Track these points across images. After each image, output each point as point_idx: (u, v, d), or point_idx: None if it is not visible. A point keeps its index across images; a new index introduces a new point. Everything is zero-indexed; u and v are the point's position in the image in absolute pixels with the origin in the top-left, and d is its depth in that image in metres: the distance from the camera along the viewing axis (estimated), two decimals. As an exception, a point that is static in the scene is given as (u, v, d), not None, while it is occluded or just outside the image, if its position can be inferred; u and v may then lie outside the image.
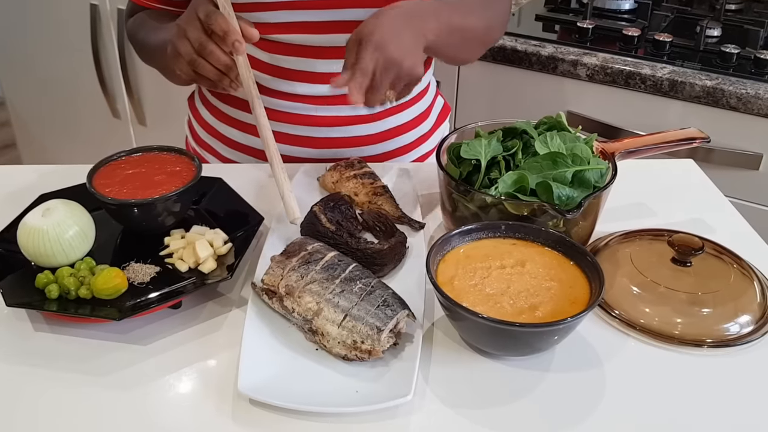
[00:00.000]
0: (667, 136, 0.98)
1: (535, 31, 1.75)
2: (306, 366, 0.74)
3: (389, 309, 0.74)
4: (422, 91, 1.20)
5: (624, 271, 0.87)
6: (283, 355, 0.75)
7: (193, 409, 0.70)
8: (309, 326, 0.75)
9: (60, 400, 0.71)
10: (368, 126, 1.13)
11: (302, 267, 0.78)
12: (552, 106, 1.64)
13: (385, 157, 1.16)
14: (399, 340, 0.75)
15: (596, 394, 0.72)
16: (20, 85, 2.61)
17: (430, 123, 1.23)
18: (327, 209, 0.88)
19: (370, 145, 1.14)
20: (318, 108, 1.10)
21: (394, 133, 1.16)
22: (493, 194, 0.85)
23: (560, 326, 0.71)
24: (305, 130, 1.11)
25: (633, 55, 1.59)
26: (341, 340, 0.73)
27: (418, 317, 0.78)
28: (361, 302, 0.75)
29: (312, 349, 0.76)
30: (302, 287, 0.76)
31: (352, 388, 0.71)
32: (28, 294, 0.80)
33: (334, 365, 0.74)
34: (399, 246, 0.88)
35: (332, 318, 0.74)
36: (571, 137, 0.91)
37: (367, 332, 0.72)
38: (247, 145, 1.15)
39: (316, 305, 0.75)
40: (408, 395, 0.68)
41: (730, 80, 1.47)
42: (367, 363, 0.73)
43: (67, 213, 0.84)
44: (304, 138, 1.12)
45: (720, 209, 1.05)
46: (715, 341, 0.78)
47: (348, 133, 1.13)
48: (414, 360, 0.72)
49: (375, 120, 1.14)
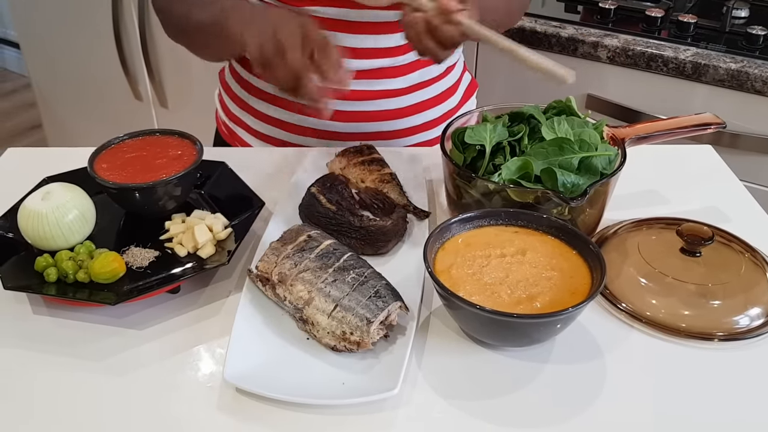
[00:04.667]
0: (681, 121, 0.95)
1: (558, 12, 1.71)
2: (295, 356, 0.73)
3: (381, 300, 0.73)
4: (450, 66, 1.18)
5: (631, 261, 0.85)
6: (273, 344, 0.74)
7: (181, 396, 0.70)
8: (300, 315, 0.74)
9: (55, 383, 0.71)
10: (395, 100, 1.12)
11: (297, 254, 0.77)
12: (571, 89, 1.59)
13: (411, 132, 1.15)
14: (390, 333, 0.74)
15: (595, 387, 0.71)
16: (46, 68, 2.64)
17: (457, 98, 1.21)
18: (325, 189, 0.87)
19: (396, 120, 1.13)
20: None
21: (420, 108, 1.15)
22: (496, 181, 0.83)
23: (557, 317, 0.69)
24: (334, 105, 1.10)
25: (656, 36, 1.54)
26: (330, 331, 0.72)
27: (414, 307, 0.76)
28: (353, 292, 0.73)
29: (303, 339, 0.75)
30: (295, 275, 0.75)
31: (340, 379, 0.70)
32: (28, 277, 0.80)
33: (324, 356, 0.73)
34: (401, 221, 0.87)
35: (322, 308, 0.73)
36: (580, 122, 0.89)
37: (356, 323, 0.71)
38: (276, 118, 1.14)
39: (308, 294, 0.74)
40: (394, 389, 0.66)
41: (756, 63, 1.42)
42: (356, 354, 0.72)
43: (66, 196, 0.84)
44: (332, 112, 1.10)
45: (737, 197, 1.01)
46: (723, 334, 0.76)
47: (375, 107, 1.12)
48: (404, 353, 0.71)
49: (402, 95, 1.12)
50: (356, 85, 1.09)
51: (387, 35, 1.07)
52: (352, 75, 0.87)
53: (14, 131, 3.43)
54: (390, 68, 1.10)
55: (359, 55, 1.07)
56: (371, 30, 1.06)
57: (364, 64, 1.08)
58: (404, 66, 1.11)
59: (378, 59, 1.08)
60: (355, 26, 1.05)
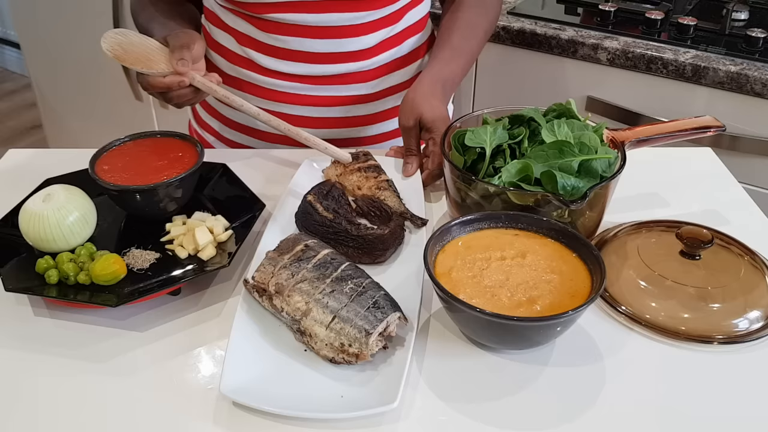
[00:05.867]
0: (681, 124, 0.95)
1: (558, 14, 1.71)
2: (293, 368, 0.72)
3: (380, 311, 0.72)
4: (419, 73, 1.18)
5: (631, 264, 0.85)
6: (270, 356, 0.73)
7: (177, 404, 0.69)
8: (297, 326, 0.73)
9: (56, 385, 0.71)
10: (366, 106, 1.13)
11: (294, 265, 0.76)
12: (571, 92, 1.61)
13: (383, 138, 1.16)
14: (389, 344, 0.73)
15: (595, 389, 0.71)
16: (46, 69, 2.64)
17: None
18: (321, 197, 0.87)
19: (368, 126, 1.14)
20: (316, 88, 1.10)
21: (392, 114, 1.15)
22: (496, 183, 0.83)
23: (557, 320, 0.69)
24: (303, 110, 1.11)
25: (656, 39, 1.55)
26: (329, 342, 0.71)
27: (413, 317, 0.75)
28: (351, 303, 0.72)
29: (301, 350, 0.74)
30: (292, 286, 0.74)
31: (338, 392, 0.69)
32: (29, 279, 0.80)
33: (322, 368, 0.72)
34: (398, 230, 0.87)
35: (320, 319, 0.72)
36: (580, 125, 0.89)
37: (355, 335, 0.70)
38: (248, 126, 1.15)
39: (305, 305, 0.73)
40: (393, 403, 0.65)
41: (756, 65, 1.42)
42: (355, 367, 0.71)
43: (68, 198, 0.84)
44: (302, 118, 1.11)
45: (737, 200, 1.01)
46: (723, 337, 0.76)
47: (346, 113, 1.12)
48: (403, 366, 0.70)
49: (373, 100, 1.13)
50: (326, 90, 1.10)
51: (354, 39, 1.07)
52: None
53: (14, 131, 3.43)
54: (359, 73, 1.10)
55: (327, 60, 1.08)
56: (337, 34, 1.06)
57: (332, 69, 1.08)
58: (373, 70, 1.11)
59: (346, 63, 1.09)
60: (324, 31, 1.06)
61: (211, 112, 1.19)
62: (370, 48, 1.09)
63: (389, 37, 1.11)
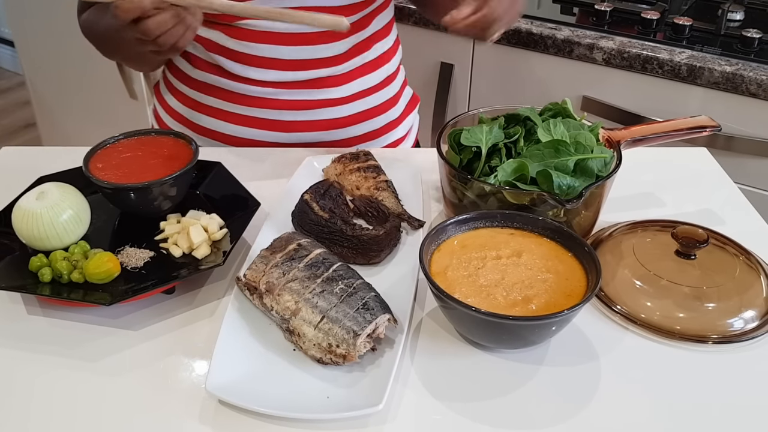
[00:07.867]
0: (677, 124, 0.95)
1: (554, 13, 1.71)
2: (280, 367, 0.71)
3: (369, 313, 0.71)
4: (390, 75, 1.19)
5: (626, 263, 0.85)
6: (258, 355, 0.72)
7: (169, 403, 0.69)
8: (286, 326, 0.72)
9: (49, 384, 0.71)
10: (337, 109, 1.13)
11: (285, 264, 0.76)
12: (567, 91, 1.61)
13: (355, 142, 1.16)
14: (378, 346, 0.72)
15: (590, 389, 0.71)
16: (40, 66, 2.63)
17: (399, 109, 1.22)
18: (318, 196, 0.87)
19: (338, 129, 1.14)
20: (287, 92, 1.10)
21: (362, 117, 1.16)
22: (492, 182, 0.83)
23: (553, 319, 0.69)
24: (273, 114, 1.11)
25: (651, 39, 1.55)
26: (317, 343, 0.70)
27: (404, 319, 0.75)
28: (341, 304, 0.72)
29: (289, 350, 0.73)
30: (282, 285, 0.74)
31: (325, 393, 0.68)
32: (22, 277, 0.80)
33: (310, 368, 0.71)
34: (394, 231, 0.86)
35: (309, 319, 0.71)
36: (576, 125, 0.89)
37: (342, 336, 0.69)
38: (217, 131, 1.14)
39: (295, 304, 0.72)
40: (379, 405, 0.65)
41: (751, 66, 1.42)
42: (343, 368, 0.71)
43: (61, 196, 0.83)
44: (272, 122, 1.11)
45: (732, 200, 1.01)
46: (718, 337, 0.76)
47: (317, 117, 1.12)
48: (391, 368, 0.69)
49: (343, 104, 1.13)
50: (297, 95, 1.11)
51: (325, 45, 1.08)
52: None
53: (8, 129, 3.42)
54: (330, 77, 1.11)
55: (298, 67, 1.08)
56: (309, 41, 1.07)
57: (304, 75, 1.09)
58: (344, 75, 1.12)
59: (318, 69, 1.09)
60: (294, 38, 1.06)
61: (179, 118, 1.17)
62: (341, 54, 1.10)
63: (358, 43, 1.12)
